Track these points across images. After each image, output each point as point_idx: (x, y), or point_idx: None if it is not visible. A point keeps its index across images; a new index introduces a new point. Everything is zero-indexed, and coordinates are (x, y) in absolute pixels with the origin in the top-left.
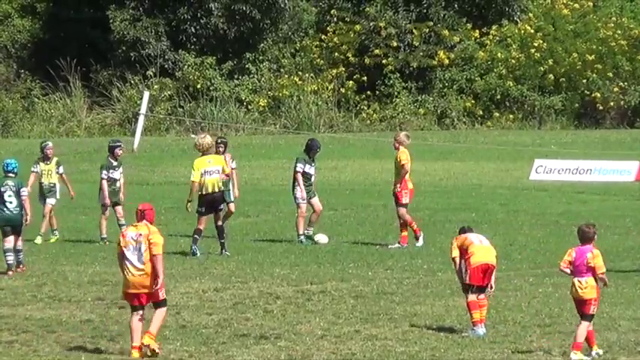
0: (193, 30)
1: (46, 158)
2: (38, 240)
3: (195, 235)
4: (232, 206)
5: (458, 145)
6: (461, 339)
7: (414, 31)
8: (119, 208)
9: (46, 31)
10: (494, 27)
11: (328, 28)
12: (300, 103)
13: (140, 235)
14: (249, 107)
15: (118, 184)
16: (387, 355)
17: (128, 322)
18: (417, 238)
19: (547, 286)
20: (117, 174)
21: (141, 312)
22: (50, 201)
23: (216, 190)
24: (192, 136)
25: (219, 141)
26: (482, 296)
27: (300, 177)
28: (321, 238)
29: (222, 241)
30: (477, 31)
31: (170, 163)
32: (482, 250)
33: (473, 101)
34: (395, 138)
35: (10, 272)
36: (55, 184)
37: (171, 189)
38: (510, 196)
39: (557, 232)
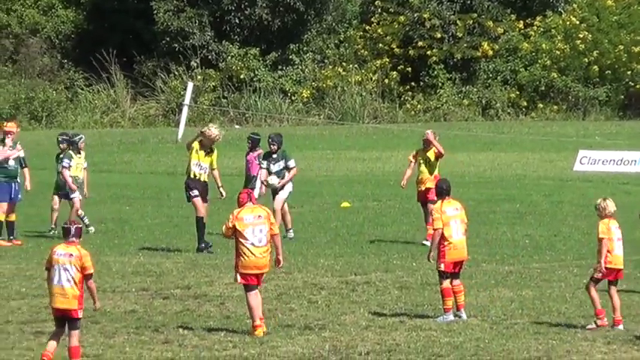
0: (237, 21)
1: (78, 152)
2: (92, 229)
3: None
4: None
5: (502, 135)
6: (505, 330)
7: (458, 22)
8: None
9: (90, 22)
10: (538, 18)
11: (372, 19)
12: (344, 93)
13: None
14: (293, 98)
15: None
16: (431, 346)
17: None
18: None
19: None
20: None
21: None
22: (77, 195)
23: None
24: (237, 127)
25: (248, 136)
26: (457, 282)
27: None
28: (272, 179)
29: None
30: (521, 22)
31: None
32: (458, 244)
33: (517, 92)
34: (432, 139)
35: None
36: (79, 177)
37: None
38: (554, 187)
39: None
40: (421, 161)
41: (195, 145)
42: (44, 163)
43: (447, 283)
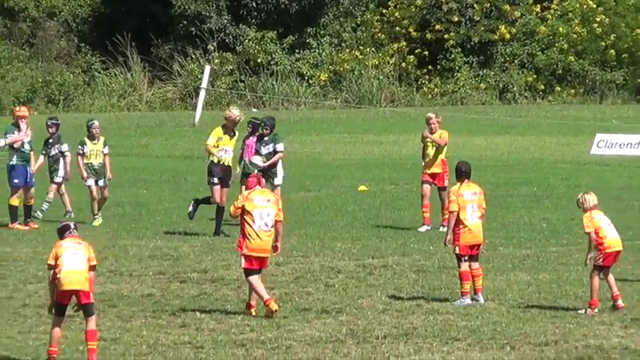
0: (254, 4)
1: (92, 137)
2: (97, 222)
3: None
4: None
5: (519, 119)
6: (522, 313)
7: (475, 5)
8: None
9: (107, 5)
10: (555, 1)
11: (389, 3)
12: (362, 77)
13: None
14: (310, 82)
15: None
16: (448, 330)
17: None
18: (422, 225)
19: None
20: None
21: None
22: (101, 182)
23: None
24: (254, 110)
25: (248, 121)
26: (475, 265)
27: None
28: (256, 159)
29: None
30: (539, 5)
31: None
32: (473, 227)
33: (534, 76)
34: (433, 120)
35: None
36: (103, 164)
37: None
38: (572, 170)
39: (618, 207)
40: (428, 143)
41: (218, 132)
42: None
43: (465, 266)
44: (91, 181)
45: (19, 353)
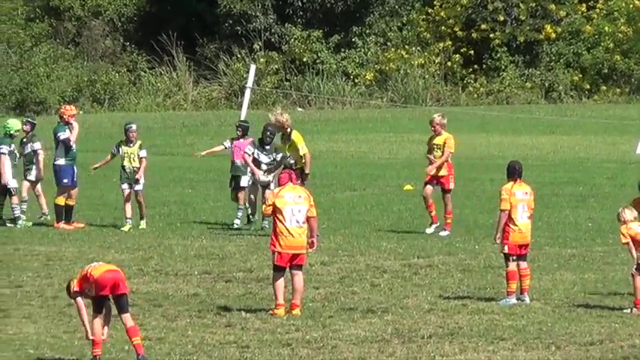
0: (300, 4)
1: (128, 141)
2: (126, 227)
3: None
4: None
5: (565, 118)
6: (568, 313)
7: (520, 5)
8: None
9: (152, 4)
10: (600, 1)
11: (435, 2)
12: (407, 76)
13: None
14: (356, 81)
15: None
16: (493, 329)
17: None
18: (431, 225)
19: None
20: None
21: None
22: (138, 187)
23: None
24: (299, 109)
25: (237, 124)
26: (524, 265)
27: (248, 160)
28: (262, 176)
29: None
30: (584, 4)
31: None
32: (523, 227)
33: (580, 75)
34: (438, 122)
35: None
36: (129, 167)
37: None
38: (617, 169)
39: None
40: (434, 146)
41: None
42: (105, 146)
43: (512, 265)
44: (124, 185)
45: (64, 353)
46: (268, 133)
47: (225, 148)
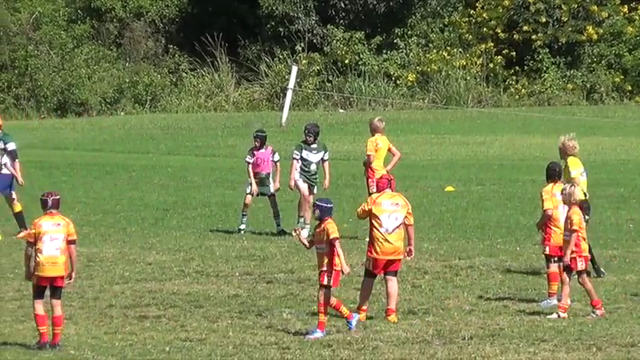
0: (342, 5)
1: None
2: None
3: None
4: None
5: (606, 120)
6: (609, 314)
7: (562, 6)
8: None
9: (194, 6)
10: None
11: (477, 4)
12: (449, 78)
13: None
14: (398, 82)
15: None
16: (535, 330)
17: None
18: None
19: None
20: None
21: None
22: (265, 190)
23: None
24: (341, 111)
25: (254, 135)
26: None
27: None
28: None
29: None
30: (626, 6)
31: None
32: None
33: (622, 76)
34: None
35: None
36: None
37: None
38: None
39: None
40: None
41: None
42: (147, 147)
43: (554, 267)
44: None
45: (105, 354)
46: (307, 132)
47: (249, 163)
